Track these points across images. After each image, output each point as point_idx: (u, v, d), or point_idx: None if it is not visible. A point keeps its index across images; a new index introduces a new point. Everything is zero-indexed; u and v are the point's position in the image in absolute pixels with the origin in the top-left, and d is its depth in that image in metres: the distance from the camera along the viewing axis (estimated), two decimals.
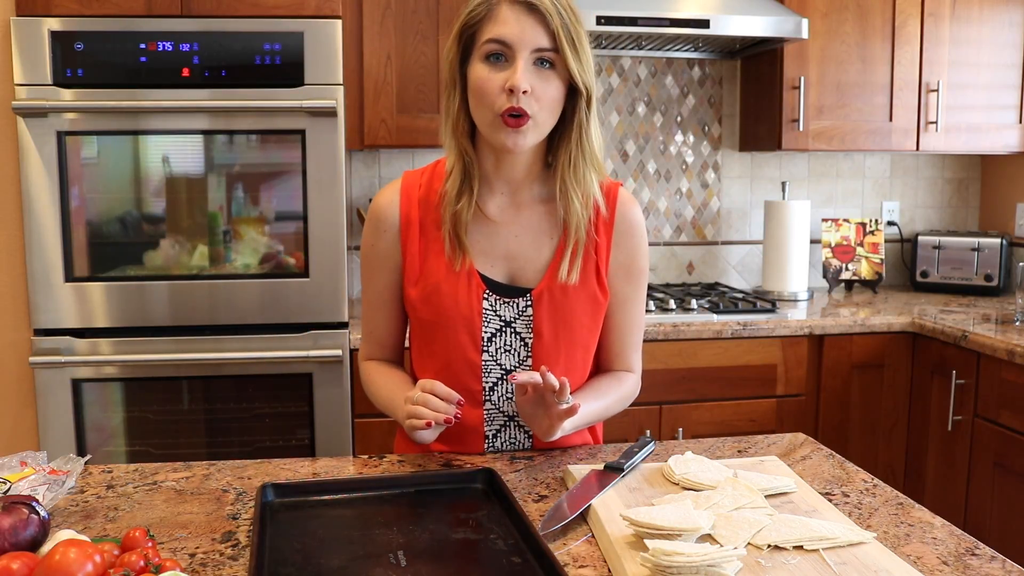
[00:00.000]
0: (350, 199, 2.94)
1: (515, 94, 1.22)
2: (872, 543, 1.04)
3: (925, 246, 3.20)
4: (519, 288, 1.37)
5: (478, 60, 1.26)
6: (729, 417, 2.60)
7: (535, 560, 0.99)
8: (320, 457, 1.47)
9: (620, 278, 1.41)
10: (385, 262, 1.40)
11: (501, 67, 1.24)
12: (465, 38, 1.28)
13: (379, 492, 1.21)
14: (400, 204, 1.38)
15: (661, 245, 3.23)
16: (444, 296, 1.34)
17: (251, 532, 1.09)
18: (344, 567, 0.99)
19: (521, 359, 1.38)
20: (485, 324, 1.36)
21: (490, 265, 1.36)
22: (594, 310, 1.39)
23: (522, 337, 1.37)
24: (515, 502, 1.12)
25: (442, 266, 1.35)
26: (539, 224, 1.37)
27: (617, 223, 1.39)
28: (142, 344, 2.31)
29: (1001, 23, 2.97)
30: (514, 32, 1.23)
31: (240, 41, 2.27)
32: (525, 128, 1.25)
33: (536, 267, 1.37)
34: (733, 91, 3.21)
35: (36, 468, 1.21)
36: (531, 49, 1.23)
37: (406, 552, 1.03)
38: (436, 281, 1.35)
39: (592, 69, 1.28)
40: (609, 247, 1.39)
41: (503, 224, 1.37)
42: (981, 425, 2.45)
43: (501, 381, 1.39)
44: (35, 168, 2.24)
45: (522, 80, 1.22)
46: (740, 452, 1.42)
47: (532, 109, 1.24)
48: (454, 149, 1.33)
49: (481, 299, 1.34)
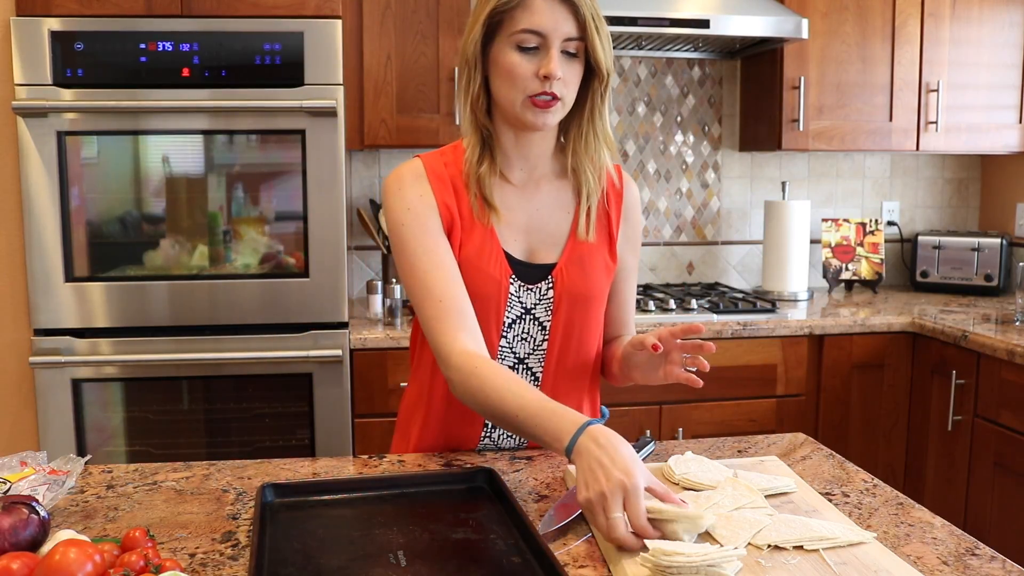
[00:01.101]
0: (350, 199, 2.94)
1: (549, 80, 1.28)
2: (872, 543, 1.04)
3: (925, 246, 3.20)
4: (539, 267, 1.40)
5: (508, 46, 1.30)
6: (729, 417, 2.60)
7: (535, 560, 1.00)
8: (320, 457, 1.47)
9: (628, 250, 1.48)
10: (429, 219, 1.33)
11: (532, 53, 1.30)
12: (493, 22, 1.31)
13: (379, 492, 1.21)
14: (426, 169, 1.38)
15: (661, 245, 3.23)
16: (475, 273, 1.35)
17: (251, 532, 1.09)
18: (344, 567, 0.99)
19: (536, 344, 1.41)
20: (508, 310, 1.38)
21: (512, 239, 1.39)
22: (606, 276, 1.44)
23: (541, 323, 1.40)
24: (515, 502, 1.12)
25: (472, 241, 1.36)
26: (557, 198, 1.42)
27: (625, 199, 1.47)
28: (142, 344, 2.31)
29: (1001, 23, 2.97)
30: (548, 23, 1.28)
31: (240, 41, 2.27)
32: (554, 109, 1.32)
33: (556, 240, 1.41)
34: (733, 91, 3.21)
35: (36, 468, 1.20)
36: (563, 38, 1.29)
37: (406, 552, 1.02)
38: (468, 255, 1.35)
39: (612, 52, 1.35)
40: (619, 219, 1.45)
41: (524, 197, 1.41)
42: (981, 425, 2.45)
43: (512, 370, 1.39)
44: (35, 168, 2.24)
45: (557, 69, 1.28)
46: (740, 452, 1.42)
47: (561, 92, 1.31)
48: (473, 125, 1.37)
49: (509, 281, 1.37)
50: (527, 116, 1.31)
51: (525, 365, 1.41)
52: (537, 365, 1.41)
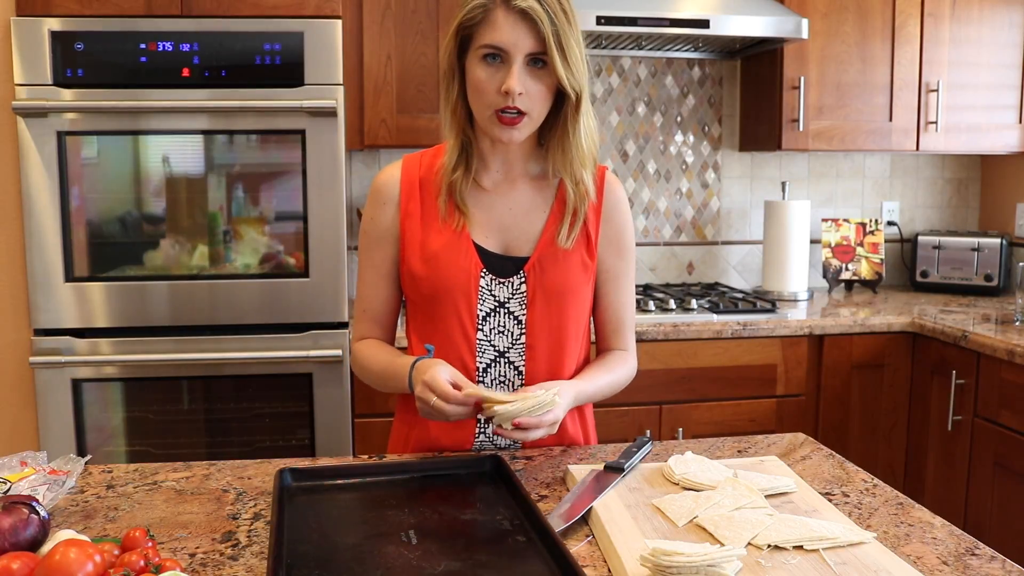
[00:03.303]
0: (350, 199, 2.94)
1: (510, 95, 1.29)
2: (872, 543, 1.04)
3: (925, 246, 3.20)
4: (513, 259, 1.42)
5: (475, 59, 1.32)
6: (729, 417, 2.60)
7: (539, 539, 1.04)
8: (320, 457, 1.47)
9: (611, 253, 1.47)
10: (385, 234, 1.45)
11: (497, 68, 1.30)
12: (462, 36, 1.34)
13: (391, 476, 1.27)
14: (401, 178, 1.44)
15: (661, 245, 3.23)
16: (443, 267, 1.40)
17: (251, 529, 1.09)
18: (358, 544, 1.04)
19: (514, 339, 1.42)
20: (480, 302, 1.40)
21: (485, 236, 1.42)
22: (584, 275, 1.44)
23: (516, 316, 1.41)
24: (521, 486, 1.16)
25: (442, 238, 1.41)
26: (532, 197, 1.44)
27: (605, 201, 1.47)
28: (142, 344, 2.31)
29: (1001, 23, 2.97)
30: (508, 39, 1.28)
31: (240, 41, 2.27)
32: (520, 125, 1.33)
33: (529, 237, 1.43)
34: (733, 91, 3.21)
35: (36, 468, 1.21)
36: (524, 54, 1.29)
37: (417, 531, 1.08)
38: (435, 251, 1.40)
39: (582, 71, 1.33)
40: (598, 222, 1.45)
41: (497, 197, 1.43)
42: (981, 425, 2.45)
43: (494, 363, 1.42)
44: (35, 168, 2.24)
45: (516, 84, 1.29)
46: (740, 452, 1.42)
47: (526, 106, 1.31)
48: (453, 130, 1.40)
49: (479, 274, 1.40)
50: (494, 131, 1.33)
51: (506, 359, 1.42)
52: (519, 359, 1.43)
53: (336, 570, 0.99)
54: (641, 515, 1.12)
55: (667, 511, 1.13)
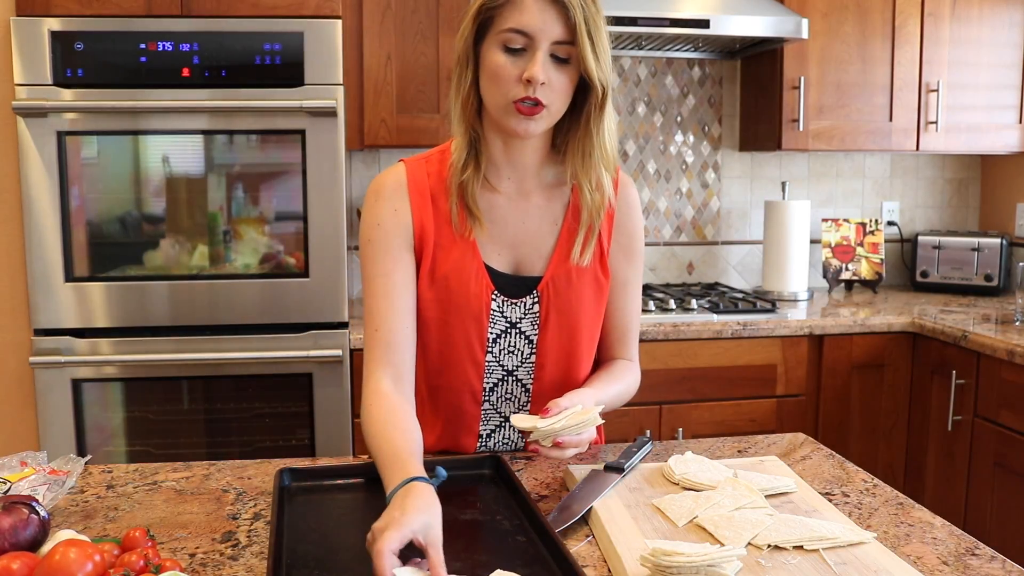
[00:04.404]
0: (350, 199, 2.94)
1: (532, 84, 1.21)
2: (872, 543, 1.04)
3: (925, 246, 3.20)
4: (525, 280, 1.35)
5: (495, 45, 1.23)
6: (729, 417, 2.60)
7: (539, 539, 1.04)
8: (320, 457, 1.47)
9: (621, 259, 1.40)
10: (397, 237, 1.31)
11: (519, 55, 1.22)
12: (483, 19, 1.25)
13: None
14: (409, 185, 1.33)
15: (661, 245, 3.23)
16: (453, 290, 1.32)
17: (251, 530, 1.09)
18: (358, 544, 1.03)
19: (524, 357, 1.37)
20: (491, 324, 1.34)
21: (496, 254, 1.34)
22: (597, 292, 1.38)
23: (527, 336, 1.36)
24: (521, 486, 1.16)
25: (451, 257, 1.32)
26: (545, 210, 1.36)
27: (619, 206, 1.39)
28: (142, 344, 2.31)
29: (1001, 23, 2.97)
30: (536, 23, 1.20)
31: (240, 41, 2.27)
32: (539, 116, 1.24)
33: (541, 254, 1.35)
34: (733, 91, 3.21)
35: (36, 468, 1.21)
36: (551, 41, 1.21)
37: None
38: (444, 273, 1.32)
39: (609, 64, 1.26)
40: (611, 230, 1.38)
41: (510, 208, 1.35)
42: (981, 425, 2.45)
43: (501, 382, 1.38)
44: (35, 168, 2.24)
45: (541, 73, 1.20)
46: (740, 452, 1.42)
47: (547, 98, 1.23)
48: (463, 125, 1.30)
49: (490, 298, 1.33)
50: (510, 122, 1.24)
51: (515, 377, 1.38)
52: (527, 378, 1.38)
53: (336, 570, 0.99)
54: (641, 515, 1.12)
55: (667, 511, 1.13)
